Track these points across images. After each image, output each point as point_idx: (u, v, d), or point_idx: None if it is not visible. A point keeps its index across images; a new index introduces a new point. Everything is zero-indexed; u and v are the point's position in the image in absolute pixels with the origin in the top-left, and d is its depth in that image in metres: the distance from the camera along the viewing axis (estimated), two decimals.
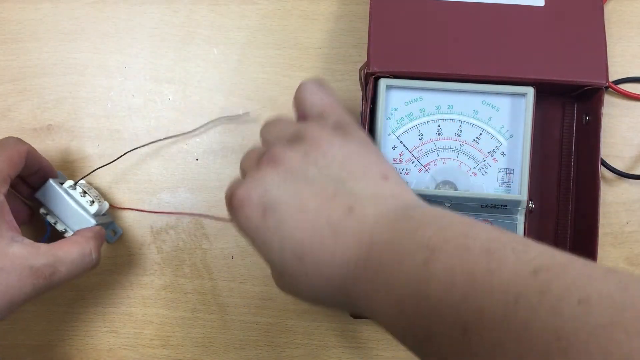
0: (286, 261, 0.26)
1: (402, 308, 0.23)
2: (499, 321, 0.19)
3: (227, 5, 0.41)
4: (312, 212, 0.26)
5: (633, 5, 0.40)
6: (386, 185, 0.27)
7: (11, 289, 0.30)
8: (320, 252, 0.25)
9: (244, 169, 0.30)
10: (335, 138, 0.28)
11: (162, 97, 0.41)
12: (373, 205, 0.26)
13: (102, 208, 0.38)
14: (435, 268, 0.22)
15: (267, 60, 0.41)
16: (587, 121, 0.37)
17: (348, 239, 0.25)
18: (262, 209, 0.26)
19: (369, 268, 0.24)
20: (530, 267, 0.20)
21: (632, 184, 0.39)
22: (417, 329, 0.22)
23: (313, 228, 0.25)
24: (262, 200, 0.26)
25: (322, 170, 0.27)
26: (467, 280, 0.21)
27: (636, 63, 0.40)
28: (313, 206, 0.26)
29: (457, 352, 0.21)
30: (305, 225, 0.26)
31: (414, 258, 0.23)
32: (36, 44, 0.41)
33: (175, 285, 0.40)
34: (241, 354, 0.40)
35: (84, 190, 0.37)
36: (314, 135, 0.28)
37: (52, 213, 0.37)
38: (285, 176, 0.26)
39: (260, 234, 0.26)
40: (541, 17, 0.35)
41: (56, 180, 0.37)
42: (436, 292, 0.21)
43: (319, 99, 0.30)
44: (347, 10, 0.41)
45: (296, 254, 0.26)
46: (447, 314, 0.21)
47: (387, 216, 0.25)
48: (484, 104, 0.35)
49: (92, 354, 0.40)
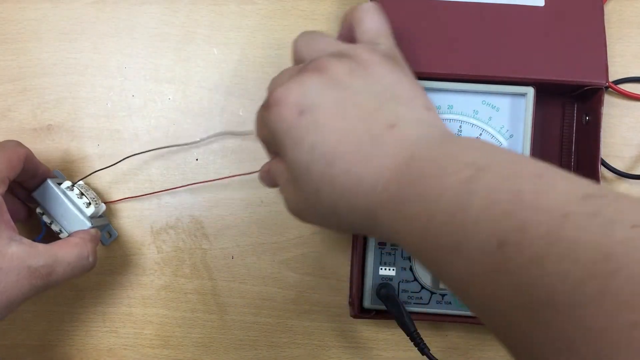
0: (313, 164, 0.25)
1: (434, 219, 0.22)
2: (541, 236, 0.18)
3: (227, 5, 0.41)
4: (351, 120, 0.25)
5: (633, 5, 0.40)
6: (430, 115, 0.27)
7: (9, 288, 0.30)
8: (353, 159, 0.24)
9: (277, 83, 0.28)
10: (384, 63, 0.27)
11: (162, 97, 0.41)
12: (416, 128, 0.25)
13: (99, 210, 0.38)
14: (479, 185, 0.21)
15: (267, 60, 0.41)
16: (587, 121, 0.37)
17: (386, 149, 0.24)
18: (299, 109, 0.25)
19: (403, 180, 0.23)
20: (581, 192, 0.19)
21: (632, 184, 0.39)
22: (445, 241, 0.21)
23: (350, 134, 0.24)
24: (300, 101, 0.25)
25: (367, 87, 0.26)
26: (512, 199, 0.20)
27: (636, 63, 0.40)
28: (353, 114, 0.25)
29: (487, 266, 0.20)
30: (342, 131, 0.25)
31: (456, 174, 0.22)
32: (36, 44, 0.41)
33: (175, 285, 0.40)
34: (241, 354, 0.40)
35: (81, 191, 0.37)
36: (363, 56, 0.27)
37: (48, 213, 0.37)
38: (329, 83, 0.25)
39: (292, 132, 0.25)
40: (541, 17, 0.35)
41: (54, 180, 0.37)
42: (476, 206, 0.20)
43: (376, 24, 0.29)
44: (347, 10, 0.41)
45: (326, 157, 0.24)
46: (484, 228, 0.20)
47: (430, 139, 0.24)
48: (484, 104, 0.35)
49: (92, 354, 0.40)
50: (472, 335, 0.40)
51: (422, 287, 0.36)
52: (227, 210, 0.40)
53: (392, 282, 0.36)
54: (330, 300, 0.40)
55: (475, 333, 0.40)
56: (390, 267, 0.36)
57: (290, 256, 0.40)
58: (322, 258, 0.40)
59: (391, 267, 0.36)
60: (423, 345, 0.34)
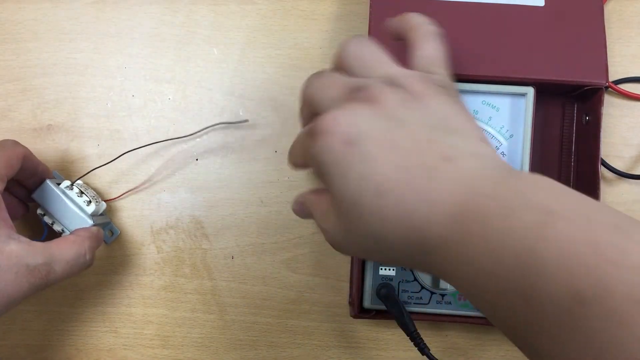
0: (362, 196, 0.23)
1: (499, 263, 0.20)
2: (626, 297, 0.17)
3: (227, 5, 0.41)
4: (404, 152, 0.23)
5: (633, 5, 0.40)
6: (486, 147, 0.25)
7: (8, 287, 0.30)
8: (406, 191, 0.23)
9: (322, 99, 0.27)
10: (439, 94, 0.26)
11: (162, 97, 0.41)
12: (474, 160, 0.24)
13: (100, 208, 0.38)
14: (553, 232, 0.19)
15: (267, 60, 0.41)
16: (587, 121, 0.37)
17: (443, 182, 0.23)
18: (347, 139, 0.24)
19: (464, 217, 0.22)
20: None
21: (632, 184, 0.39)
22: (511, 287, 0.20)
23: (403, 167, 0.23)
24: (349, 131, 0.24)
25: (420, 119, 0.25)
26: (591, 251, 0.19)
27: (636, 63, 0.40)
28: (405, 146, 0.24)
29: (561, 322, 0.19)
30: (395, 162, 0.23)
31: (526, 217, 0.20)
32: (36, 44, 0.41)
33: (175, 285, 0.40)
34: (241, 354, 0.40)
35: (80, 190, 0.37)
36: (417, 87, 0.26)
37: (49, 213, 0.37)
38: (380, 114, 0.24)
39: (340, 164, 0.24)
40: (541, 17, 0.35)
41: (53, 180, 0.37)
42: (550, 255, 0.19)
43: (436, 52, 0.28)
44: (347, 10, 0.41)
45: (378, 189, 0.23)
46: (560, 280, 0.19)
47: (491, 173, 0.23)
48: (484, 104, 0.35)
49: (92, 354, 0.40)
50: (472, 335, 0.40)
51: (422, 287, 0.36)
52: (227, 210, 0.40)
53: (392, 282, 0.36)
54: (330, 300, 0.40)
55: (475, 333, 0.40)
56: (390, 267, 0.36)
57: (290, 256, 0.40)
58: (322, 258, 0.40)
59: (391, 267, 0.36)
60: (423, 345, 0.34)
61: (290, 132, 0.40)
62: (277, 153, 0.40)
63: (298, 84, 0.40)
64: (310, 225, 0.40)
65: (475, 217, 0.22)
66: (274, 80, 0.41)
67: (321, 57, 0.41)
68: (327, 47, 0.41)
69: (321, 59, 0.41)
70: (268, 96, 0.41)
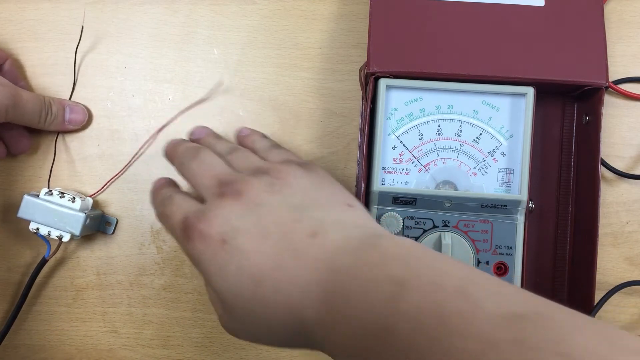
0: (242, 287, 0.25)
1: (363, 341, 0.21)
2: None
3: (227, 5, 0.41)
4: (273, 238, 0.25)
5: (633, 5, 0.40)
6: (351, 212, 0.27)
7: None
8: (280, 276, 0.24)
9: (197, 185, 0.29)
10: (300, 171, 0.28)
11: (162, 97, 0.41)
12: (337, 231, 0.25)
13: (86, 203, 0.38)
14: (404, 305, 0.21)
15: (267, 60, 0.41)
16: (587, 121, 0.37)
17: (309, 262, 0.24)
18: (221, 239, 0.25)
19: (330, 296, 0.23)
20: (509, 312, 0.19)
21: (632, 184, 0.39)
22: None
23: (274, 253, 0.25)
24: (221, 230, 0.26)
25: (286, 198, 0.27)
26: (437, 323, 0.19)
27: (636, 63, 0.40)
28: (275, 232, 0.25)
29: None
30: (266, 250, 0.25)
31: (381, 291, 0.22)
32: (36, 44, 0.41)
33: (175, 285, 0.40)
34: (241, 354, 0.40)
35: (61, 192, 0.38)
36: (279, 168, 0.28)
37: (42, 224, 0.37)
38: (249, 206, 0.26)
39: (216, 260, 0.25)
40: (541, 17, 0.35)
41: (31, 193, 0.38)
42: (403, 330, 0.20)
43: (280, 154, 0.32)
44: (347, 10, 0.41)
45: (254, 278, 0.24)
46: (412, 355, 0.20)
47: (352, 243, 0.24)
48: (484, 104, 0.35)
49: (92, 354, 0.40)
50: None
51: None
52: None
53: None
54: None
55: None
56: None
57: None
58: None
59: None
60: None
61: (290, 132, 0.40)
62: None
63: (298, 84, 0.40)
64: None
65: (340, 296, 0.23)
66: (274, 80, 0.41)
67: (321, 57, 0.41)
68: (327, 47, 0.41)
69: (321, 59, 0.41)
70: (268, 96, 0.41)
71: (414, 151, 0.36)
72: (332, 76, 0.40)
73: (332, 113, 0.40)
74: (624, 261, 0.39)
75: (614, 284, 0.38)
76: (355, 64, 0.40)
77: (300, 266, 0.24)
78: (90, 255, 0.40)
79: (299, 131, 0.40)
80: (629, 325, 0.39)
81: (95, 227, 0.39)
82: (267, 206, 0.26)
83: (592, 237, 0.35)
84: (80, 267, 0.40)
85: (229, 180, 0.28)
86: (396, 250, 0.24)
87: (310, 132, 0.40)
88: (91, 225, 0.38)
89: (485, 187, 0.35)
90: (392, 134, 0.36)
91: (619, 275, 0.39)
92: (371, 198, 0.35)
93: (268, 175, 0.28)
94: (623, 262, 0.39)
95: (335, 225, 0.26)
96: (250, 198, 0.26)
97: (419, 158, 0.36)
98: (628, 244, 0.39)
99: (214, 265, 0.25)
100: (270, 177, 0.28)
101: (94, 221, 0.39)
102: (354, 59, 0.40)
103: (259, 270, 0.25)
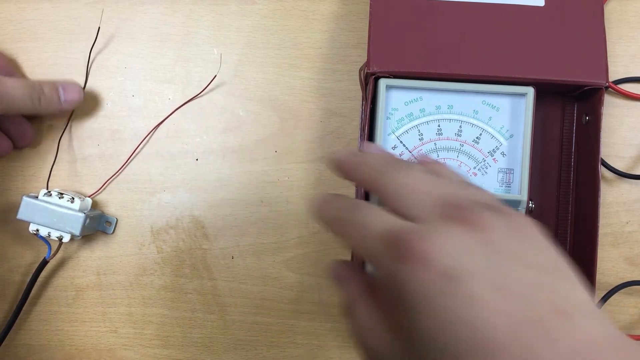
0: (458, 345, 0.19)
1: None
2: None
3: (227, 5, 0.41)
4: (514, 298, 0.19)
5: (633, 5, 0.40)
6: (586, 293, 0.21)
7: None
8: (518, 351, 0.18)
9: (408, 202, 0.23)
10: (537, 227, 0.22)
11: (162, 97, 0.41)
12: (594, 320, 0.19)
13: (86, 204, 0.38)
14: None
15: (267, 60, 0.41)
16: (587, 121, 0.37)
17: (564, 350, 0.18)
18: (446, 273, 0.20)
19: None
20: None
21: (632, 184, 0.39)
22: None
23: (516, 322, 0.19)
24: (448, 262, 0.20)
25: (528, 253, 0.21)
26: None
27: (636, 63, 0.40)
28: (516, 291, 0.19)
29: None
30: (505, 311, 0.19)
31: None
32: (36, 44, 0.41)
33: (175, 285, 0.40)
34: (241, 354, 0.40)
35: (59, 192, 0.38)
36: (517, 216, 0.22)
37: (42, 225, 0.37)
38: (484, 244, 0.20)
39: (434, 301, 0.20)
40: (541, 17, 0.35)
41: (30, 195, 0.38)
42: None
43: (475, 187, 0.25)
44: (347, 10, 0.41)
45: (487, 346, 0.19)
46: None
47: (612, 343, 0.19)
48: (484, 104, 0.35)
49: (92, 354, 0.40)
50: None
51: None
52: (227, 210, 0.40)
53: None
54: (330, 300, 0.40)
55: None
56: None
57: (290, 256, 0.40)
58: (322, 258, 0.40)
59: None
60: None
61: (290, 132, 0.40)
62: (277, 153, 0.40)
63: (298, 84, 0.40)
64: (310, 225, 0.40)
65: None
66: (274, 80, 0.41)
67: (321, 57, 0.41)
68: (327, 47, 0.41)
69: (321, 59, 0.41)
70: (268, 96, 0.41)
71: (414, 151, 0.36)
72: (332, 76, 0.40)
73: (332, 113, 0.40)
74: (624, 261, 0.39)
75: (614, 284, 0.38)
76: (355, 64, 0.40)
77: (552, 350, 0.18)
78: (90, 256, 0.40)
79: (299, 131, 0.40)
80: (629, 325, 0.39)
81: (95, 227, 0.39)
82: (506, 254, 0.20)
83: (592, 237, 0.35)
84: (80, 267, 0.40)
85: (458, 203, 0.22)
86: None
87: (310, 132, 0.40)
88: (91, 226, 0.39)
89: (485, 187, 0.35)
90: (392, 134, 0.36)
91: (619, 275, 0.39)
92: (371, 198, 0.35)
93: (503, 215, 0.22)
94: (623, 262, 0.39)
95: (585, 310, 0.20)
96: (489, 235, 0.21)
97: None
98: (628, 244, 0.39)
99: (425, 305, 0.20)
100: (506, 218, 0.21)
101: (93, 221, 0.39)
102: (353, 59, 0.40)
103: (495, 337, 0.19)
